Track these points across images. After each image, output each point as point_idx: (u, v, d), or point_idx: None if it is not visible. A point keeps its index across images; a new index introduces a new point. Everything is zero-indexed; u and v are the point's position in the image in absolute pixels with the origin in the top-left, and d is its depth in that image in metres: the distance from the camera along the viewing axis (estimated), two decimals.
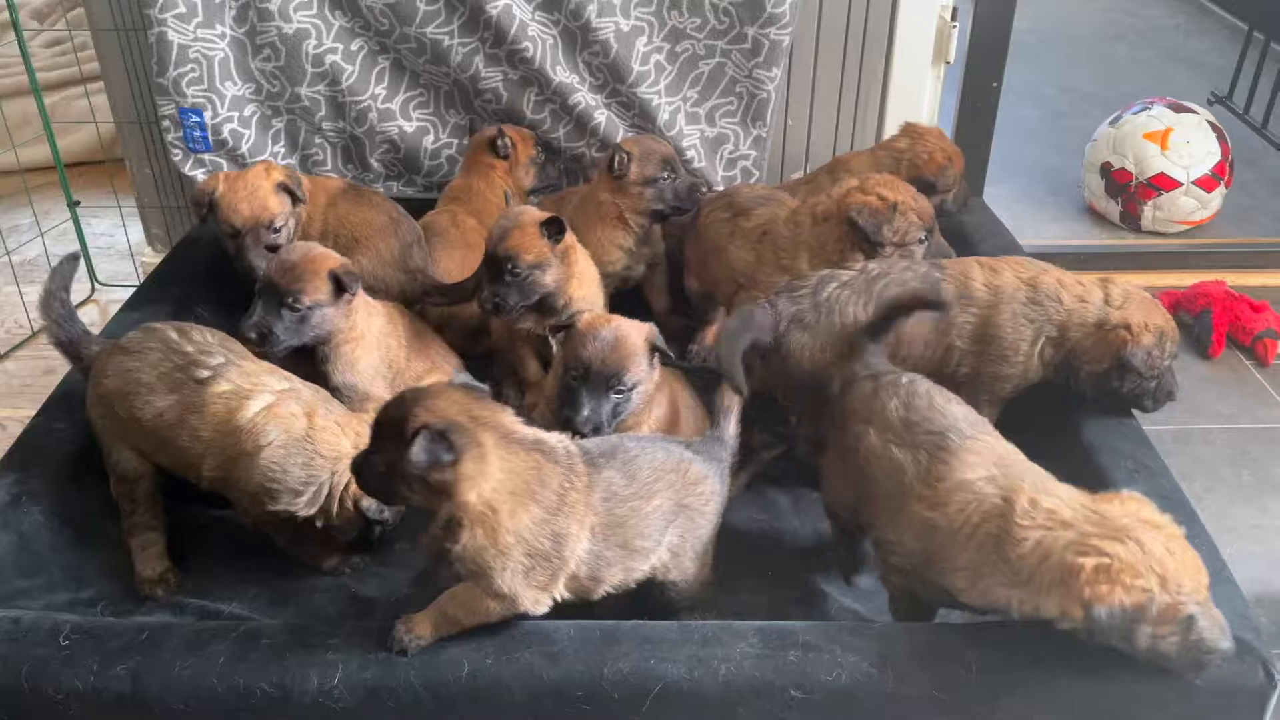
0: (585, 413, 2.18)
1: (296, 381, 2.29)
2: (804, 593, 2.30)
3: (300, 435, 2.16)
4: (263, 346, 2.41)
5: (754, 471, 2.61)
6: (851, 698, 1.80)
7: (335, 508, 2.19)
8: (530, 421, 1.90)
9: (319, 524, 2.21)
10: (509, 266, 2.51)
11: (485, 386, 1.87)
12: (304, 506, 2.17)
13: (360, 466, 1.81)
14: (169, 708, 1.79)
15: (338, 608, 2.28)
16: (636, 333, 2.26)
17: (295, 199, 2.86)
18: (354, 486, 2.11)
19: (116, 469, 2.32)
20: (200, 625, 1.92)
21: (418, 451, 1.67)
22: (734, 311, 2.53)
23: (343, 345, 2.50)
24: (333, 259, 2.46)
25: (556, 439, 1.89)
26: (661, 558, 1.96)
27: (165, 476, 2.33)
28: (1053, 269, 2.49)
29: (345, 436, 2.18)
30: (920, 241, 2.64)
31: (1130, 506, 1.80)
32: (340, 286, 2.43)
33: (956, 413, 2.03)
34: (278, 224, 2.81)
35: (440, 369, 2.69)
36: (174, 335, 2.30)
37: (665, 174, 2.88)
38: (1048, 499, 1.85)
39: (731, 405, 2.18)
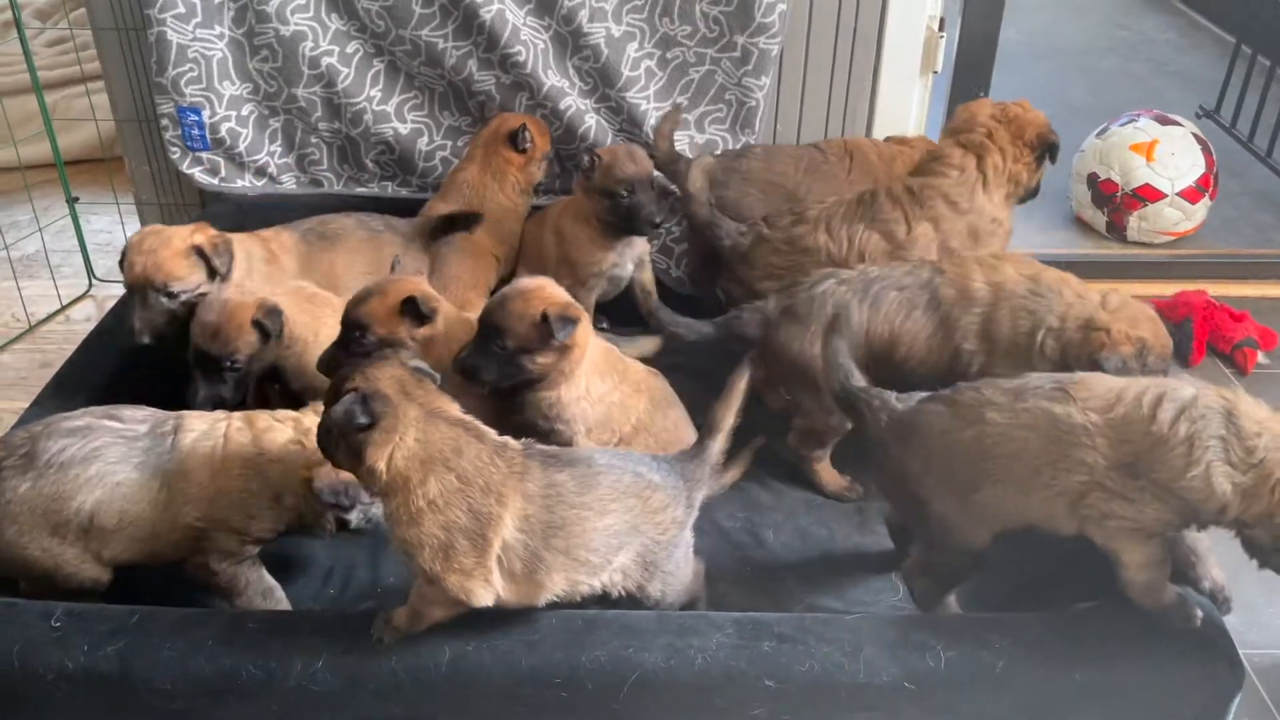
0: None
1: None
2: (783, 587, 2.34)
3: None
4: (222, 408, 2.35)
5: (740, 471, 2.64)
6: (823, 688, 1.84)
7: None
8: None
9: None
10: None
11: (436, 374, 1.91)
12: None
13: (319, 425, 1.86)
14: (155, 688, 1.84)
15: (325, 598, 2.32)
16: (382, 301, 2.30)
17: (212, 270, 2.60)
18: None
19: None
20: (189, 610, 1.96)
21: (339, 409, 1.74)
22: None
23: (288, 359, 2.48)
24: (250, 306, 2.40)
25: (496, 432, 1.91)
26: (614, 578, 1.95)
27: None
28: (1055, 270, 2.51)
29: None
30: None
31: None
32: (265, 332, 2.40)
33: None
34: (174, 288, 2.58)
35: None
36: None
37: (623, 192, 2.83)
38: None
39: (722, 423, 2.08)
